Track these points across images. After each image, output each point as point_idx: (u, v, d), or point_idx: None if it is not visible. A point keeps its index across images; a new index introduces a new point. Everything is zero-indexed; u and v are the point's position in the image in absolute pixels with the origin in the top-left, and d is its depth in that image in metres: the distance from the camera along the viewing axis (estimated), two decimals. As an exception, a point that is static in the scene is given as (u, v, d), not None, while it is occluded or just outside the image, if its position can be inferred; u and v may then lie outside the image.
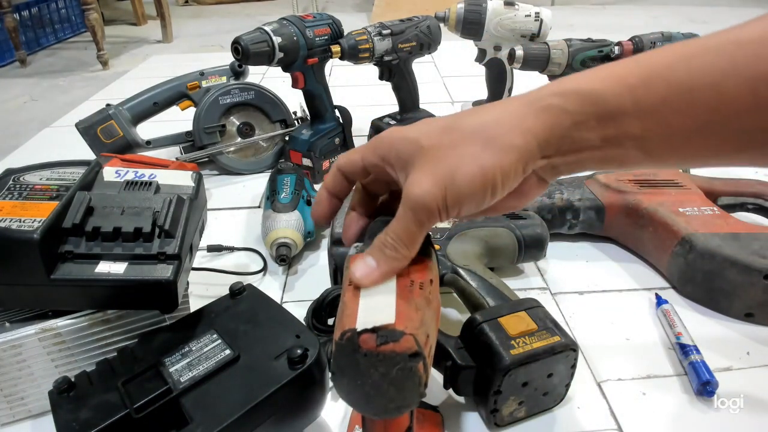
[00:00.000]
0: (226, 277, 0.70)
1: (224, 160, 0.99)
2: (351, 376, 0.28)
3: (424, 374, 0.28)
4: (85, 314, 0.49)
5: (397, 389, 0.28)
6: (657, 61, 0.29)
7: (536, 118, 0.29)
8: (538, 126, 0.29)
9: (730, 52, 0.27)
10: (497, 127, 0.29)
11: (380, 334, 0.27)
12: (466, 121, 0.31)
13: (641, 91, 0.28)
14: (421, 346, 0.28)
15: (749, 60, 0.26)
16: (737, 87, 0.26)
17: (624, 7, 2.67)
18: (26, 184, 0.51)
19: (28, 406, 0.51)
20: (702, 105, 0.27)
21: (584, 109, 0.28)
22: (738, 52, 0.27)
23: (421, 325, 0.29)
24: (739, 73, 0.26)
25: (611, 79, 0.29)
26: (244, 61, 0.82)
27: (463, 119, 0.31)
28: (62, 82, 1.69)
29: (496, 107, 0.31)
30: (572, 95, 0.29)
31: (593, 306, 0.66)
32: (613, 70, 0.29)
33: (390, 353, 0.27)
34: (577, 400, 0.53)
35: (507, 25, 0.99)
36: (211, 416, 0.41)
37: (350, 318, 0.29)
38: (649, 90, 0.28)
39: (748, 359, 0.58)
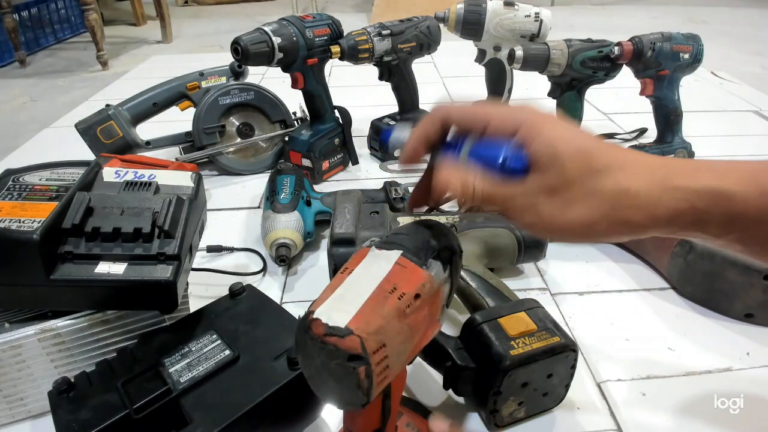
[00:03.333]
0: (226, 277, 0.70)
1: (224, 160, 0.99)
2: (303, 352, 0.30)
3: (365, 380, 0.28)
4: (85, 315, 0.49)
5: (336, 382, 0.29)
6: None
7: (666, 207, 0.29)
8: (661, 217, 0.29)
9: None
10: (630, 199, 0.29)
11: (330, 324, 0.28)
12: (612, 172, 0.30)
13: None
14: (366, 352, 0.28)
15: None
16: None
17: (624, 7, 2.67)
18: (26, 184, 0.51)
19: (27, 406, 0.51)
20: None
21: (713, 210, 0.28)
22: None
23: (378, 333, 0.29)
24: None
25: (747, 177, 0.28)
26: (243, 61, 0.82)
27: (611, 166, 0.30)
28: (62, 82, 1.69)
29: (634, 169, 0.30)
30: (706, 194, 0.28)
31: (593, 306, 0.66)
32: (748, 167, 0.29)
33: (331, 346, 0.28)
34: (576, 400, 0.53)
35: (507, 25, 0.99)
36: (210, 417, 0.41)
37: (319, 300, 0.30)
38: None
39: (748, 359, 0.58)
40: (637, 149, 0.96)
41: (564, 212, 0.30)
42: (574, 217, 0.30)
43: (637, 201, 0.29)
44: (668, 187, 0.28)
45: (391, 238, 0.34)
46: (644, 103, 0.98)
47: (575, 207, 0.30)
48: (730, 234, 0.29)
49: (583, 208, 0.29)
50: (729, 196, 0.28)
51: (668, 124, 0.95)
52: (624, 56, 0.90)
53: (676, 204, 0.28)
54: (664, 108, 0.94)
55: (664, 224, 0.29)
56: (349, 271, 0.32)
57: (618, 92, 1.24)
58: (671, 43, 0.89)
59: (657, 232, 0.30)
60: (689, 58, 0.90)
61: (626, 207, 0.29)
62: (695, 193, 0.28)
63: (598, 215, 0.29)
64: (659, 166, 0.30)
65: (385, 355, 0.29)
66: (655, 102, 0.95)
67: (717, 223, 0.28)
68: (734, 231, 0.28)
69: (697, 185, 0.28)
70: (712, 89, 1.47)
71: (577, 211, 0.29)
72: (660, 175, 0.29)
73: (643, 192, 0.29)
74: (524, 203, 0.31)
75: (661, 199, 0.28)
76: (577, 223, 0.30)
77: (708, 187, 0.28)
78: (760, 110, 1.32)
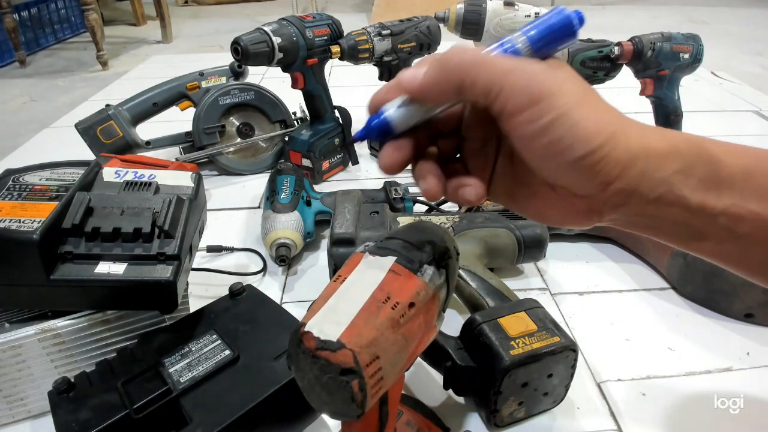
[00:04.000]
0: (226, 277, 0.70)
1: (224, 160, 0.99)
2: (295, 365, 0.30)
3: (359, 393, 0.28)
4: (85, 315, 0.49)
5: (329, 395, 0.28)
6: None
7: (653, 138, 0.26)
8: (651, 148, 0.26)
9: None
10: (628, 124, 0.26)
11: (321, 338, 0.28)
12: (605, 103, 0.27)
13: (756, 169, 0.27)
14: (359, 365, 0.27)
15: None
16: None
17: (624, 7, 2.67)
18: (26, 184, 0.50)
19: (27, 406, 0.51)
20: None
21: (698, 162, 0.26)
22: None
23: (371, 345, 0.28)
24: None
25: (729, 148, 0.27)
26: (243, 61, 0.82)
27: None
28: (62, 82, 1.69)
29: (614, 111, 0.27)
30: (695, 146, 0.27)
31: (593, 306, 0.66)
32: (730, 144, 0.28)
33: (323, 360, 0.27)
34: (576, 400, 0.53)
35: (507, 25, 0.99)
36: (210, 417, 0.41)
37: (311, 312, 0.30)
38: (764, 171, 0.27)
39: (748, 359, 0.58)
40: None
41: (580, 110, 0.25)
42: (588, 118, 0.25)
43: (635, 133, 0.26)
44: (655, 131, 0.27)
45: (385, 243, 0.34)
46: (644, 103, 0.98)
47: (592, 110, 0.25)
48: (716, 215, 0.26)
49: (598, 109, 0.26)
50: (718, 158, 0.27)
51: (668, 124, 0.95)
52: (624, 56, 0.90)
53: (665, 146, 0.26)
54: (664, 108, 0.94)
55: (654, 164, 0.26)
56: (341, 279, 0.32)
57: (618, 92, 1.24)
58: (671, 43, 0.89)
59: (639, 191, 0.26)
60: (689, 58, 0.90)
61: (629, 132, 0.26)
62: (681, 140, 0.27)
63: (610, 121, 0.25)
64: (639, 122, 0.28)
65: (379, 367, 0.29)
66: (655, 102, 0.95)
67: (701, 178, 0.26)
68: (720, 206, 0.26)
69: (681, 137, 0.27)
70: (712, 89, 1.47)
71: (592, 109, 0.25)
72: (644, 126, 0.27)
73: (635, 131, 0.26)
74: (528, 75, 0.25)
75: (652, 138, 0.26)
76: (590, 114, 0.25)
77: (693, 140, 0.27)
78: (760, 110, 1.32)
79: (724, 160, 0.26)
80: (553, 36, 0.27)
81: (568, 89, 0.25)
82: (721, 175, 0.26)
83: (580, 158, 0.25)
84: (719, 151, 0.27)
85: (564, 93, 0.25)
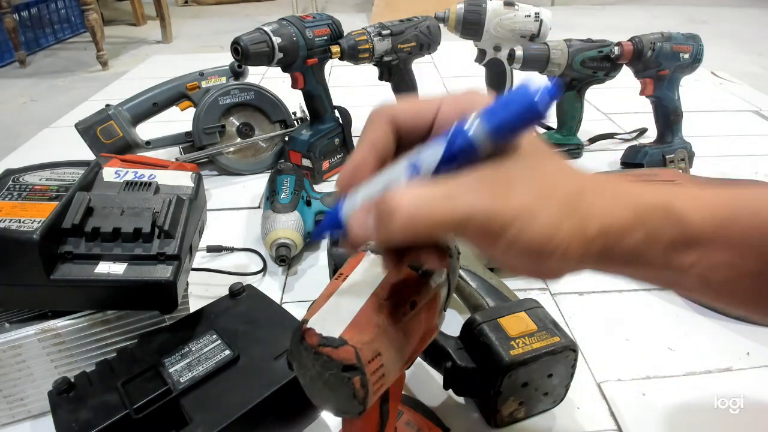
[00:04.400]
0: (226, 277, 0.70)
1: (224, 160, 0.99)
2: (297, 362, 0.30)
3: (361, 389, 0.28)
4: (85, 315, 0.49)
5: (331, 392, 0.28)
6: (746, 195, 0.27)
7: (618, 208, 0.26)
8: (614, 225, 0.25)
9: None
10: (591, 201, 0.25)
11: (323, 335, 0.28)
12: (568, 174, 0.26)
13: (727, 222, 0.26)
14: (361, 362, 0.27)
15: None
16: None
17: (624, 7, 2.67)
18: (26, 184, 0.51)
19: (27, 406, 0.50)
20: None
21: (664, 227, 0.26)
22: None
23: (372, 342, 0.28)
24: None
25: (699, 203, 0.27)
26: (243, 61, 0.82)
27: (566, 170, 0.27)
28: (62, 82, 1.69)
29: (587, 177, 0.27)
30: (662, 210, 0.26)
31: (593, 306, 0.66)
32: (700, 194, 0.27)
33: (326, 357, 0.28)
34: (576, 400, 0.53)
35: (507, 25, 0.99)
36: (210, 417, 0.41)
37: (313, 309, 0.30)
38: (734, 222, 0.26)
39: (748, 360, 0.58)
40: (637, 149, 0.96)
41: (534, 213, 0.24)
42: (543, 220, 0.24)
43: (594, 210, 0.25)
44: (620, 199, 0.26)
45: None
46: (644, 103, 0.98)
47: (548, 209, 0.25)
48: (687, 270, 0.27)
49: (551, 213, 0.24)
50: (685, 216, 0.26)
51: (668, 124, 0.95)
52: (624, 56, 0.90)
53: (628, 218, 0.25)
54: (664, 108, 0.94)
55: (616, 239, 0.25)
56: (343, 277, 0.32)
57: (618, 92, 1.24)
58: (671, 43, 0.89)
59: (605, 257, 0.26)
60: (689, 58, 0.90)
61: (587, 218, 0.25)
62: (647, 207, 0.26)
63: (563, 223, 0.25)
64: (607, 181, 0.27)
65: (381, 364, 0.29)
66: (655, 102, 0.95)
67: (669, 241, 0.26)
68: (689, 261, 0.26)
69: (649, 200, 0.26)
70: (712, 89, 1.47)
71: (545, 216, 0.24)
72: (610, 190, 0.26)
73: (597, 206, 0.25)
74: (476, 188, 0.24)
75: (615, 209, 0.26)
76: (543, 225, 0.24)
77: (660, 203, 0.26)
78: (760, 110, 1.32)
79: (693, 218, 0.26)
80: (515, 124, 0.23)
81: (521, 207, 0.24)
82: (691, 234, 0.26)
83: (533, 270, 0.26)
84: (688, 208, 0.26)
85: (517, 216, 0.24)
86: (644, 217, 0.26)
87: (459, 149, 0.24)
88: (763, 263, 0.26)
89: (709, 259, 0.26)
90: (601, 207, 0.25)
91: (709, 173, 0.79)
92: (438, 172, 0.24)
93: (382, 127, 0.27)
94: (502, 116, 0.23)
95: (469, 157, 0.24)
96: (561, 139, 1.04)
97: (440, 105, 0.27)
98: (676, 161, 0.94)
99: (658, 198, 0.26)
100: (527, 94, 0.23)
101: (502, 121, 0.23)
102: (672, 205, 0.26)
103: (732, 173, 0.97)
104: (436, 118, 0.27)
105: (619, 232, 0.25)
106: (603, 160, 1.04)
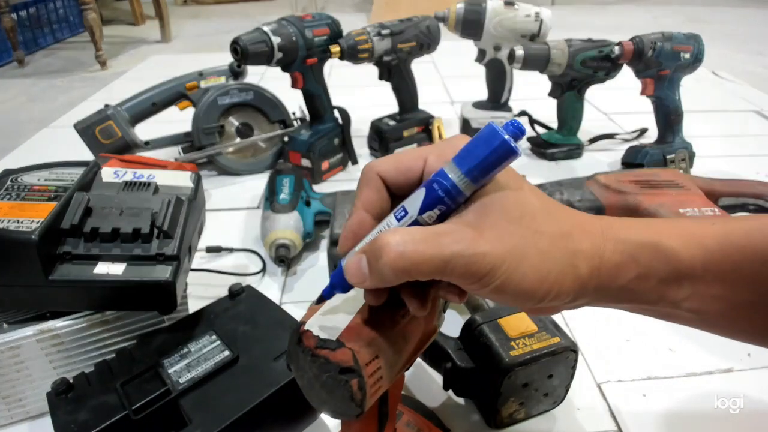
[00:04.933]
0: (225, 278, 0.70)
1: (223, 160, 0.98)
2: (295, 364, 0.30)
3: (358, 392, 0.27)
4: (84, 315, 0.49)
5: (328, 394, 0.28)
6: (736, 227, 0.28)
7: (609, 260, 0.26)
8: (605, 270, 0.26)
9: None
10: (579, 242, 0.26)
11: (321, 337, 0.28)
12: (554, 216, 0.27)
13: (717, 256, 0.27)
14: (359, 365, 0.27)
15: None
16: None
17: (624, 7, 2.67)
18: (24, 184, 0.50)
19: (26, 407, 0.50)
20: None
21: (655, 264, 0.27)
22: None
23: (370, 345, 0.28)
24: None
25: (689, 238, 0.27)
26: (243, 61, 0.82)
27: (552, 211, 0.27)
28: (60, 82, 1.69)
29: (575, 217, 0.28)
30: (652, 249, 0.27)
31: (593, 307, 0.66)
32: (690, 229, 0.28)
33: (323, 359, 0.27)
34: (577, 401, 0.53)
35: (507, 25, 0.99)
36: (210, 417, 0.41)
37: (311, 311, 0.30)
38: (724, 255, 0.27)
39: (749, 360, 0.57)
40: (638, 149, 0.96)
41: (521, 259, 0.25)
42: (531, 264, 0.25)
43: (584, 254, 0.26)
44: (609, 239, 0.27)
45: None
46: (644, 103, 0.98)
47: (534, 255, 0.25)
48: (680, 303, 0.27)
49: (540, 256, 0.25)
50: (674, 253, 0.27)
51: (669, 124, 0.95)
52: (624, 56, 0.90)
53: (620, 257, 0.26)
54: (665, 108, 0.94)
55: (608, 279, 0.26)
56: None
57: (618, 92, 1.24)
58: (672, 42, 0.89)
59: (599, 295, 0.27)
60: (690, 58, 0.90)
61: (577, 260, 0.26)
62: (636, 245, 0.27)
63: (552, 266, 0.25)
64: (595, 221, 0.28)
65: (379, 366, 0.29)
66: (656, 102, 0.94)
67: (660, 278, 0.27)
68: (682, 296, 0.27)
69: (638, 238, 0.27)
70: (713, 89, 1.47)
71: (534, 260, 0.25)
72: (599, 229, 0.27)
73: (587, 246, 0.26)
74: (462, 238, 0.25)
75: (605, 249, 0.26)
76: (531, 268, 0.25)
77: (649, 241, 0.27)
78: (761, 110, 1.32)
79: (683, 256, 0.27)
80: (491, 163, 0.24)
81: (507, 251, 0.25)
82: (681, 271, 0.27)
83: (530, 308, 0.27)
84: (677, 246, 0.27)
85: (504, 259, 0.24)
86: (634, 255, 0.27)
87: (440, 192, 0.25)
88: (757, 293, 0.27)
89: (702, 293, 0.27)
90: (590, 248, 0.26)
91: (709, 173, 0.79)
92: (422, 214, 0.26)
93: (374, 186, 0.28)
94: (476, 157, 0.24)
95: (450, 198, 0.25)
96: (561, 139, 1.04)
97: (427, 157, 0.28)
98: (677, 161, 0.94)
99: (647, 236, 0.27)
100: (494, 133, 0.24)
101: (477, 162, 0.24)
102: (661, 242, 0.27)
103: (732, 173, 0.97)
104: (424, 171, 0.28)
105: (612, 271, 0.26)
106: (603, 160, 1.04)
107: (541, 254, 0.25)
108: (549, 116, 1.08)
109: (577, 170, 1.01)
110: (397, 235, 0.24)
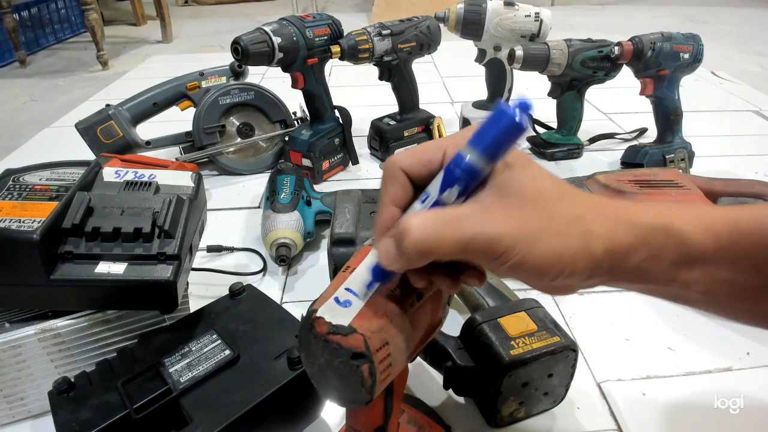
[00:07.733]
0: (226, 277, 0.70)
1: (224, 160, 0.99)
2: (306, 350, 0.30)
3: (369, 377, 0.28)
4: (85, 314, 0.49)
5: (339, 380, 0.29)
6: (747, 213, 0.28)
7: (622, 242, 0.27)
8: (618, 251, 0.27)
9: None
10: (593, 224, 0.27)
11: (333, 323, 0.28)
12: (568, 199, 0.28)
13: (727, 241, 0.27)
14: (370, 350, 0.28)
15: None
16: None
17: (624, 7, 2.67)
18: (26, 184, 0.51)
19: (27, 406, 0.51)
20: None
21: (666, 246, 0.27)
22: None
23: (381, 331, 0.29)
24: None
25: (699, 222, 0.28)
26: (243, 61, 0.82)
27: (565, 194, 0.28)
28: (62, 82, 1.69)
29: (588, 200, 0.28)
30: (663, 231, 0.27)
31: (593, 306, 0.66)
32: (701, 213, 0.29)
33: (335, 344, 0.28)
34: (576, 400, 0.53)
35: (507, 25, 0.99)
36: (210, 416, 0.41)
37: (323, 298, 0.30)
38: (734, 241, 0.27)
39: (748, 359, 0.58)
40: (637, 149, 0.96)
41: (537, 237, 0.26)
42: (550, 242, 0.26)
43: (598, 235, 0.27)
44: (621, 222, 0.27)
45: None
46: (644, 103, 0.98)
47: (551, 235, 0.26)
48: (690, 285, 0.28)
49: (555, 236, 0.26)
50: (685, 236, 0.27)
51: (668, 124, 0.95)
52: (624, 56, 0.90)
53: (632, 239, 0.27)
54: (664, 108, 0.94)
55: (621, 259, 0.27)
56: (351, 269, 0.32)
57: (618, 92, 1.24)
58: (671, 42, 0.89)
59: (612, 275, 0.28)
60: (689, 58, 0.90)
61: (590, 240, 0.27)
62: (648, 228, 0.27)
63: (567, 245, 0.26)
64: (608, 204, 0.29)
65: (388, 353, 0.29)
66: (655, 102, 0.95)
67: (671, 260, 0.27)
68: (693, 278, 0.28)
69: (650, 221, 0.28)
70: (713, 89, 1.47)
71: (549, 240, 0.26)
72: (612, 212, 0.28)
73: (600, 229, 0.27)
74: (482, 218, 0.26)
75: (618, 231, 0.27)
76: (547, 247, 0.26)
77: (660, 225, 0.28)
78: (760, 110, 1.32)
79: (694, 238, 0.27)
80: (502, 140, 0.25)
81: (523, 231, 0.26)
82: (692, 253, 0.27)
83: (545, 286, 0.28)
84: (689, 229, 0.27)
85: (520, 239, 0.26)
86: (646, 237, 0.27)
87: (458, 171, 0.26)
88: (765, 278, 0.27)
89: (712, 276, 0.28)
90: (604, 230, 0.27)
91: (708, 173, 0.79)
92: (442, 194, 0.27)
93: (399, 181, 0.29)
94: (489, 136, 0.26)
95: (468, 176, 0.26)
96: (561, 139, 1.04)
97: (446, 148, 0.29)
98: (676, 161, 0.94)
99: (659, 219, 0.28)
100: (507, 112, 0.25)
101: (490, 140, 0.26)
102: (672, 226, 0.27)
103: (732, 173, 0.97)
104: (443, 161, 0.29)
105: (624, 252, 0.27)
106: (603, 160, 1.04)
107: (557, 234, 0.26)
108: (549, 116, 1.08)
109: (577, 170, 1.01)
110: (417, 218, 0.26)
